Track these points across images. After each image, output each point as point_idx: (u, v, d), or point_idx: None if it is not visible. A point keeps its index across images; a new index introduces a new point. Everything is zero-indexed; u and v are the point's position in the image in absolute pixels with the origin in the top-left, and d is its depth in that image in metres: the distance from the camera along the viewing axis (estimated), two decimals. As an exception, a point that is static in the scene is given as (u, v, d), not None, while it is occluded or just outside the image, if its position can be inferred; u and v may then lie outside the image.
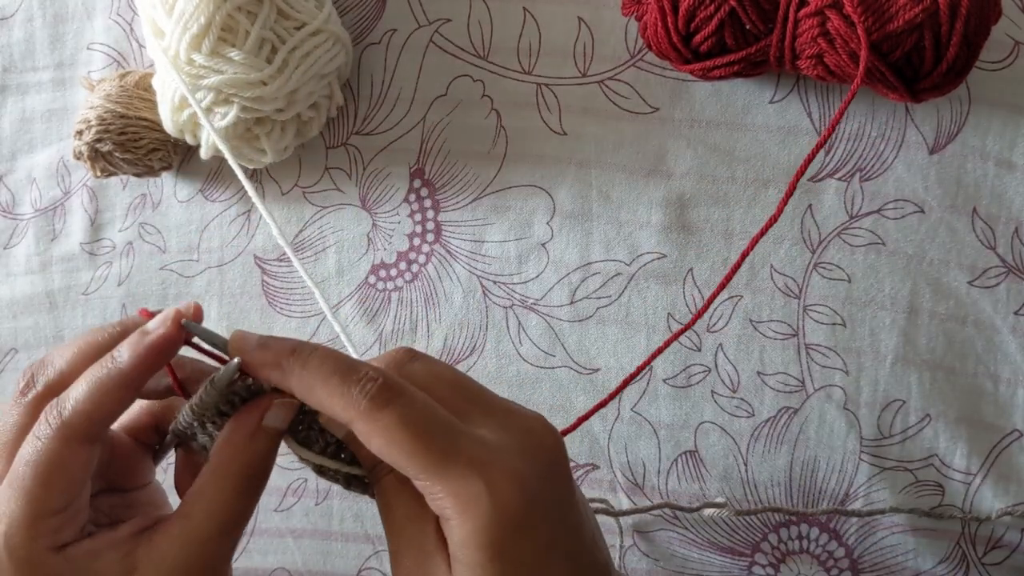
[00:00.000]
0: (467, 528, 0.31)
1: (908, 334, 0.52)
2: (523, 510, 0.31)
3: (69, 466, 0.33)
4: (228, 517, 0.34)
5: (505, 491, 0.31)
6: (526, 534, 0.31)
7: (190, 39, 0.48)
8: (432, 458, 0.31)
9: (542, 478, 0.33)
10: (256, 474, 0.34)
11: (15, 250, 0.59)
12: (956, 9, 0.44)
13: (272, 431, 0.34)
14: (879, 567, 0.54)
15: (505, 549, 0.31)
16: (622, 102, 0.54)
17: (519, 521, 0.31)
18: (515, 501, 0.31)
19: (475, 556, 0.31)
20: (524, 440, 0.33)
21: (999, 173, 0.52)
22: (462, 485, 0.31)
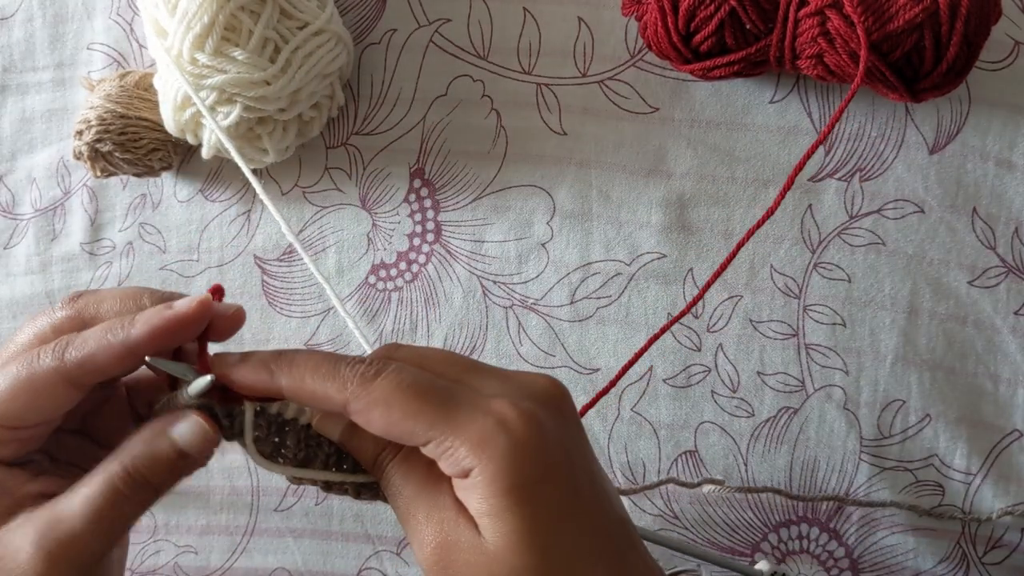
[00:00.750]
0: (489, 471, 0.30)
1: (908, 334, 0.52)
2: (541, 448, 0.31)
3: (42, 398, 0.32)
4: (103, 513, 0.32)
5: (519, 426, 0.30)
6: (548, 475, 0.31)
7: (193, 39, 0.48)
8: (436, 411, 0.31)
9: (554, 420, 0.32)
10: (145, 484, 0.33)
11: (15, 250, 0.59)
12: (956, 9, 0.44)
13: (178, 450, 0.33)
14: (879, 567, 0.54)
15: (530, 492, 0.30)
16: (622, 102, 0.54)
17: (539, 460, 0.31)
18: (532, 436, 0.30)
19: (500, 503, 0.30)
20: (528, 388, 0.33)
21: (999, 173, 0.52)
22: (474, 428, 0.30)
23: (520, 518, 0.30)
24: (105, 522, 0.32)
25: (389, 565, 0.57)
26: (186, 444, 0.33)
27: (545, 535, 0.30)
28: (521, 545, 0.30)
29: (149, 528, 0.58)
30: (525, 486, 0.30)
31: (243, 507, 0.58)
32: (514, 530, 0.30)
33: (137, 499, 0.33)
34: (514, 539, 0.30)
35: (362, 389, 0.31)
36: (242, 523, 0.58)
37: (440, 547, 0.31)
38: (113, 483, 0.32)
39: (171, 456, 0.33)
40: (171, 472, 0.33)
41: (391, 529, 0.57)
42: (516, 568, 0.30)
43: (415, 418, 0.31)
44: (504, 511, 0.30)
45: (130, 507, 0.32)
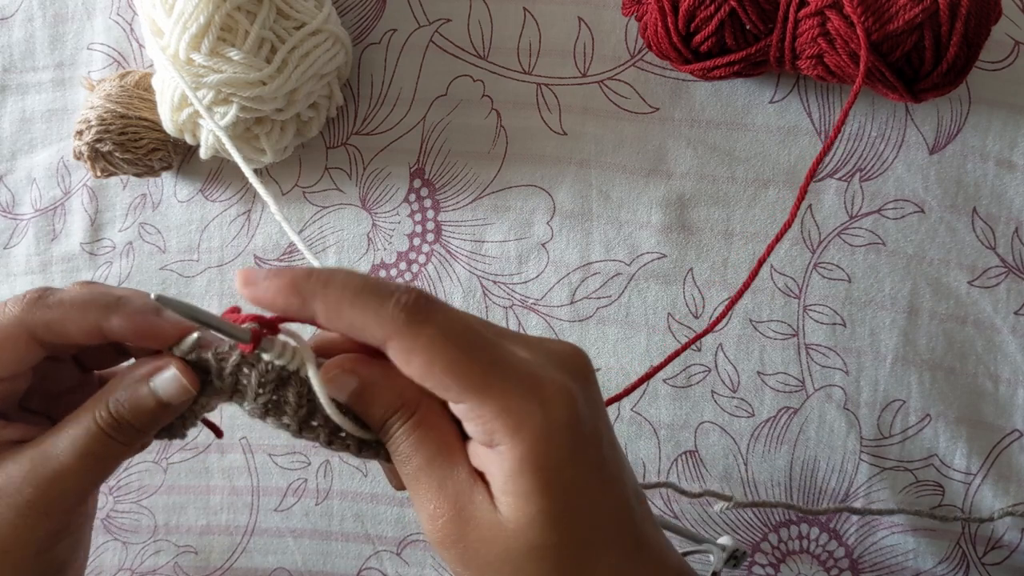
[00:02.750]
0: (519, 451, 0.29)
1: (908, 334, 0.52)
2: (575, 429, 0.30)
3: (7, 346, 0.32)
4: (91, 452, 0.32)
5: (558, 407, 0.29)
6: (577, 456, 0.30)
7: (189, 39, 0.48)
8: (480, 374, 0.29)
9: (586, 396, 0.31)
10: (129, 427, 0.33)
11: (15, 250, 0.59)
12: (956, 9, 0.44)
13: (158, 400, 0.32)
14: (879, 567, 0.54)
15: (559, 474, 0.29)
16: (622, 102, 0.54)
17: (571, 442, 0.30)
18: (568, 418, 0.30)
19: (527, 484, 0.29)
20: (560, 358, 0.32)
21: (999, 173, 0.52)
22: (513, 403, 0.29)
23: (545, 499, 0.29)
24: (92, 460, 0.32)
25: (389, 565, 0.57)
26: (166, 395, 0.33)
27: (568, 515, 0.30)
28: (542, 524, 0.29)
29: (149, 528, 0.58)
30: (554, 468, 0.29)
31: (243, 507, 0.58)
32: (538, 510, 0.29)
33: (122, 439, 0.33)
34: (536, 519, 0.29)
35: (408, 329, 0.29)
36: (242, 523, 0.58)
37: (453, 521, 0.30)
38: (98, 424, 0.33)
39: (152, 405, 0.33)
40: (153, 418, 0.33)
41: (391, 529, 0.57)
42: (535, 546, 0.29)
43: (456, 375, 0.29)
44: (531, 492, 0.29)
45: (116, 447, 0.33)
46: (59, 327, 0.32)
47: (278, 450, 0.57)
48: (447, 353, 0.29)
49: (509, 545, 0.30)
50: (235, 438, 0.57)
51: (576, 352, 0.33)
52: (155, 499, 0.58)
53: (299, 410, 0.33)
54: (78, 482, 0.33)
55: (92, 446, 0.32)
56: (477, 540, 0.30)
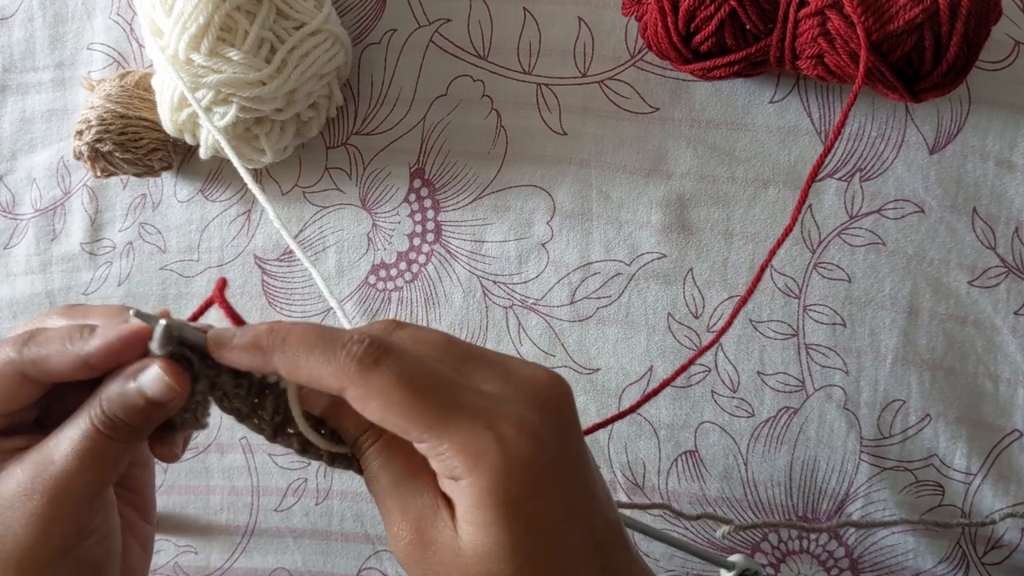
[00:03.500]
0: (479, 486, 0.29)
1: (908, 334, 0.52)
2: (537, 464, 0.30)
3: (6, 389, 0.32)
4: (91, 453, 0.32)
5: (516, 442, 0.30)
6: (540, 491, 0.30)
7: (189, 39, 0.48)
8: (434, 414, 0.30)
9: (553, 429, 0.31)
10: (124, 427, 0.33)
11: (15, 250, 0.59)
12: (956, 9, 0.44)
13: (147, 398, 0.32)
14: (879, 567, 0.54)
15: (519, 508, 0.30)
16: (622, 102, 0.54)
17: (533, 476, 0.30)
18: (528, 453, 0.30)
19: (487, 516, 0.29)
20: (529, 390, 0.32)
21: (999, 173, 0.52)
22: (470, 439, 0.30)
23: (505, 532, 0.30)
24: (91, 460, 0.32)
25: (389, 565, 0.57)
26: (153, 394, 0.32)
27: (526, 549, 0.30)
28: (500, 556, 0.30)
29: (149, 528, 0.58)
30: (515, 503, 0.30)
31: (243, 507, 0.58)
32: (497, 542, 0.30)
33: (120, 439, 0.33)
34: (494, 550, 0.30)
35: (360, 377, 0.30)
36: (242, 523, 0.58)
37: (414, 544, 0.31)
38: (93, 423, 0.33)
39: (142, 404, 0.33)
40: (147, 417, 0.33)
41: (391, 529, 0.57)
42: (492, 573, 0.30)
43: (412, 416, 0.30)
44: (490, 524, 0.30)
45: (114, 446, 0.33)
46: (45, 365, 0.33)
47: (278, 450, 0.57)
48: (400, 397, 0.30)
49: (468, 571, 0.30)
50: (235, 438, 0.57)
51: (550, 382, 0.33)
52: (155, 499, 0.58)
53: (274, 417, 0.33)
54: (82, 484, 0.32)
55: (90, 447, 0.32)
56: (437, 563, 0.31)
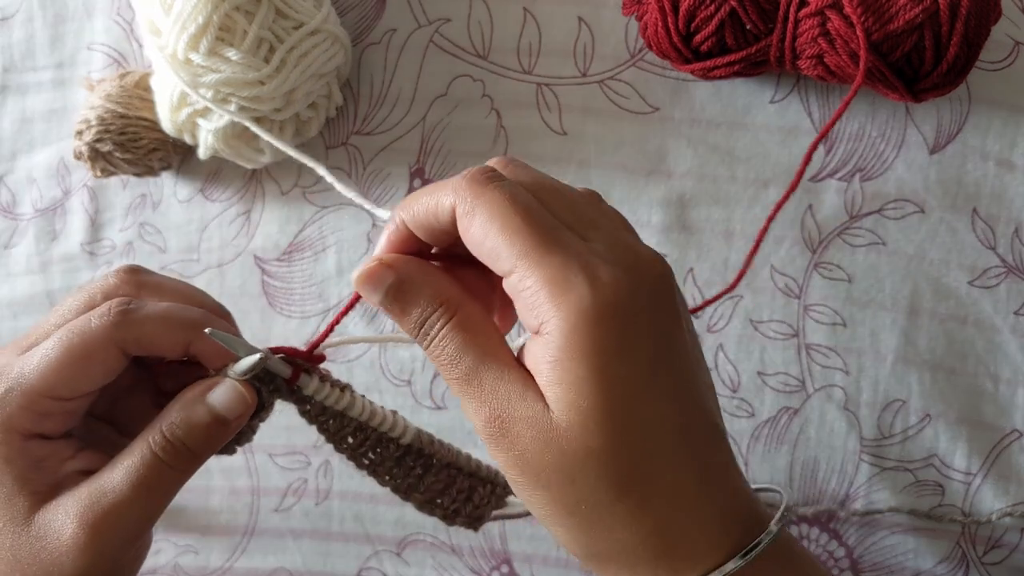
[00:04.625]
0: (565, 327, 0.27)
1: (908, 334, 0.52)
2: (627, 316, 0.28)
3: (95, 365, 0.32)
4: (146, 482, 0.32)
5: (611, 289, 0.28)
6: (629, 351, 0.28)
7: (188, 39, 0.48)
8: (533, 240, 0.28)
9: (648, 295, 0.29)
10: (184, 451, 0.33)
11: (15, 250, 0.59)
12: (956, 9, 0.44)
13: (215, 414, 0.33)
14: (879, 567, 0.54)
15: (606, 365, 0.28)
16: (622, 102, 0.54)
17: (622, 331, 0.28)
18: (621, 303, 0.28)
19: (573, 371, 0.27)
20: (629, 258, 0.30)
21: (999, 173, 0.52)
22: (561, 273, 0.28)
23: (594, 388, 0.28)
24: (147, 491, 0.32)
25: (389, 565, 0.57)
26: (222, 408, 0.33)
27: (621, 414, 0.28)
28: (594, 421, 0.28)
29: (149, 528, 0.58)
30: (603, 354, 0.28)
31: (243, 507, 0.58)
32: (588, 403, 0.28)
33: (178, 466, 0.33)
34: (586, 413, 0.28)
35: (471, 191, 0.29)
36: (242, 523, 0.58)
37: (506, 423, 0.29)
38: (153, 452, 0.32)
39: (208, 421, 0.33)
40: (208, 437, 0.33)
41: (391, 529, 0.57)
42: (588, 449, 0.28)
43: (511, 238, 0.28)
44: (577, 381, 0.28)
45: (171, 475, 0.33)
46: (149, 343, 0.33)
47: (278, 450, 0.57)
48: (505, 214, 0.29)
49: (563, 448, 0.28)
50: (235, 438, 0.57)
51: (652, 258, 0.31)
52: (155, 499, 0.58)
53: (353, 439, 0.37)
54: (132, 515, 0.32)
55: (146, 475, 0.32)
56: (531, 442, 0.29)
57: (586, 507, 0.29)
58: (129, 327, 0.32)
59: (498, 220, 0.29)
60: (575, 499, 0.29)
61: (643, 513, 0.29)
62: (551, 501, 0.29)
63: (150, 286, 0.35)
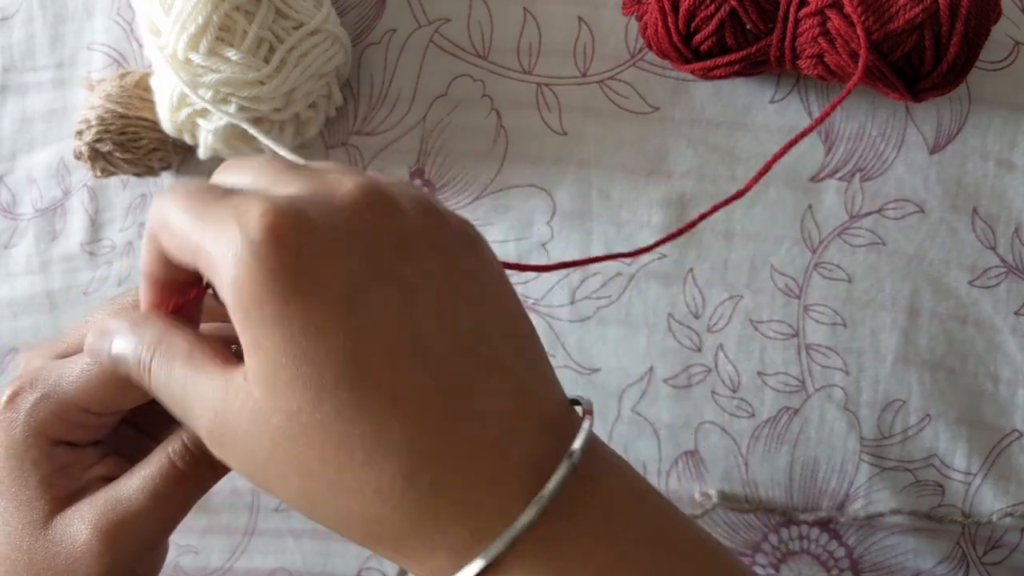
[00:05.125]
0: (227, 283, 0.24)
1: (908, 334, 0.52)
2: (302, 248, 0.24)
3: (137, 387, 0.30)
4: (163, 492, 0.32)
5: (264, 218, 0.24)
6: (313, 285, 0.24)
7: (188, 38, 0.48)
8: (199, 216, 0.25)
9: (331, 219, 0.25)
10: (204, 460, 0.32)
11: (15, 250, 0.59)
12: (956, 9, 0.44)
13: None
14: (879, 567, 0.54)
15: (283, 308, 0.24)
16: (622, 102, 0.54)
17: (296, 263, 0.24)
18: (287, 227, 0.24)
19: (252, 332, 0.24)
20: (327, 189, 0.26)
21: (999, 173, 0.52)
22: (217, 226, 0.24)
23: (274, 339, 0.24)
24: (164, 501, 0.32)
25: (389, 565, 0.57)
26: None
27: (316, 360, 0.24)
28: (286, 379, 0.24)
29: (149, 528, 0.58)
30: (276, 298, 0.24)
31: (243, 507, 0.58)
32: (272, 359, 0.24)
33: (196, 476, 0.32)
34: (276, 372, 0.24)
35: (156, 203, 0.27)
36: (242, 523, 0.58)
37: (216, 418, 0.26)
38: (172, 461, 0.32)
39: None
40: None
41: (391, 529, 0.57)
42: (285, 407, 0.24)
43: (185, 227, 0.25)
44: (258, 338, 0.24)
45: (189, 486, 0.32)
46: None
47: (278, 450, 0.57)
48: (177, 209, 0.26)
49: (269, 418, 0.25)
50: (235, 438, 0.57)
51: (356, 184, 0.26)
52: (155, 499, 0.58)
53: None
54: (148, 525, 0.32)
55: (163, 485, 0.32)
56: (239, 425, 0.26)
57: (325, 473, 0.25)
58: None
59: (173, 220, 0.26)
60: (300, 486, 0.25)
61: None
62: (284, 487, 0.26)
63: None
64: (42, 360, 0.33)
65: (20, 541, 0.32)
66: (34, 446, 0.32)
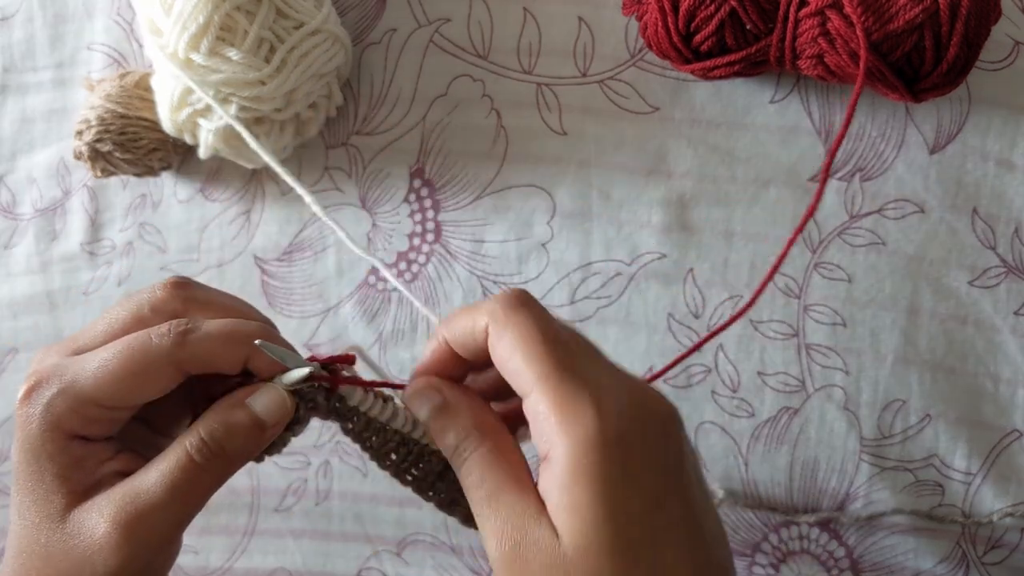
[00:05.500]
0: (569, 452, 0.29)
1: (908, 334, 0.52)
2: (634, 445, 0.29)
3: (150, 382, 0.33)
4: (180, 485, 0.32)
5: (614, 417, 0.29)
6: (635, 478, 0.29)
7: (188, 39, 0.48)
8: (552, 364, 0.30)
9: (655, 429, 0.30)
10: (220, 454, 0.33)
11: (15, 250, 0.59)
12: (956, 9, 0.44)
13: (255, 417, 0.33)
14: (879, 567, 0.54)
15: (611, 491, 0.28)
16: (622, 102, 0.54)
17: (627, 457, 0.29)
18: (624, 430, 0.29)
19: (579, 493, 0.28)
20: (638, 394, 0.31)
21: (999, 173, 0.52)
22: (571, 400, 0.29)
23: (599, 516, 0.28)
24: (182, 494, 0.32)
25: (389, 565, 0.57)
26: (263, 411, 0.33)
27: (625, 543, 0.29)
28: (599, 549, 0.28)
29: (149, 528, 0.58)
30: (606, 481, 0.28)
31: (243, 507, 0.58)
32: (593, 531, 0.28)
33: (213, 470, 0.33)
34: (591, 540, 0.28)
35: (503, 313, 0.31)
36: (242, 523, 0.58)
37: (519, 546, 0.30)
38: (189, 455, 0.32)
39: (247, 424, 0.33)
40: (247, 441, 0.33)
41: (391, 529, 0.57)
42: (593, 572, 0.29)
43: (532, 361, 0.30)
44: (582, 506, 0.28)
45: (206, 478, 0.33)
46: (208, 362, 0.33)
47: (278, 450, 0.57)
48: (530, 338, 0.31)
49: (569, 571, 0.29)
50: (235, 438, 0.57)
51: (656, 396, 0.32)
52: (155, 499, 0.58)
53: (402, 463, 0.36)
54: (165, 518, 0.32)
55: (181, 479, 0.32)
56: (539, 567, 0.29)
57: None
58: (189, 347, 0.33)
59: (523, 343, 0.31)
60: None
61: None
62: None
63: (199, 301, 0.35)
64: (57, 357, 0.34)
65: (38, 535, 0.33)
66: (50, 440, 0.33)
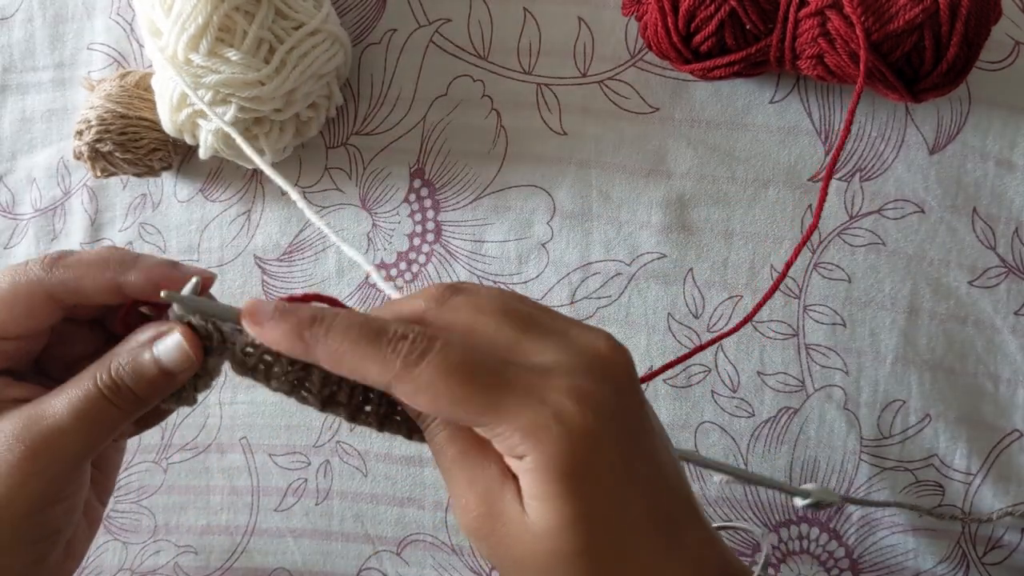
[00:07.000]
0: (541, 461, 0.29)
1: (908, 334, 0.52)
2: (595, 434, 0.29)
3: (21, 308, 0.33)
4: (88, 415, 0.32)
5: (573, 414, 0.29)
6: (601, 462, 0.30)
7: (188, 39, 0.48)
8: (485, 398, 0.29)
9: (610, 399, 0.31)
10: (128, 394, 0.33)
11: (15, 250, 0.59)
12: (956, 9, 0.44)
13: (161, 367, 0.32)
14: (879, 567, 0.54)
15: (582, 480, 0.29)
16: (622, 102, 0.54)
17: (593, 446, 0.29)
18: (586, 424, 0.29)
19: (551, 489, 0.29)
20: (587, 358, 0.31)
21: (999, 173, 0.52)
22: (526, 417, 0.29)
23: (570, 505, 0.29)
24: (88, 423, 0.32)
25: (389, 565, 0.57)
26: (169, 362, 0.33)
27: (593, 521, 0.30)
28: (568, 530, 0.29)
29: (149, 528, 0.58)
30: (578, 474, 0.29)
31: (243, 507, 0.58)
32: (563, 515, 0.29)
33: (121, 406, 0.33)
34: (562, 523, 0.29)
35: (406, 373, 0.29)
36: (242, 523, 0.58)
37: (483, 516, 0.31)
38: (99, 388, 0.33)
39: (154, 372, 0.33)
40: (154, 387, 0.33)
41: (391, 529, 0.57)
42: (561, 551, 0.30)
43: (462, 405, 0.29)
44: (555, 497, 0.29)
45: (114, 412, 0.33)
46: (76, 286, 0.33)
47: (278, 450, 0.57)
48: (447, 388, 0.29)
49: (536, 547, 0.30)
50: (235, 438, 0.57)
51: (608, 350, 0.32)
52: (155, 499, 0.58)
53: (323, 390, 0.32)
54: (71, 444, 0.32)
55: (89, 408, 0.32)
56: (506, 536, 0.30)
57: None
58: (56, 271, 0.33)
59: (443, 396, 0.29)
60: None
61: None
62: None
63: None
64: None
65: None
66: None
